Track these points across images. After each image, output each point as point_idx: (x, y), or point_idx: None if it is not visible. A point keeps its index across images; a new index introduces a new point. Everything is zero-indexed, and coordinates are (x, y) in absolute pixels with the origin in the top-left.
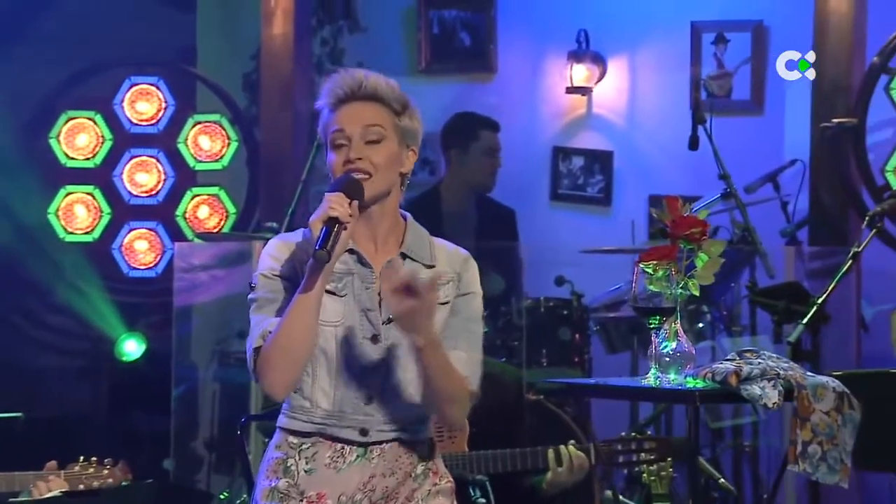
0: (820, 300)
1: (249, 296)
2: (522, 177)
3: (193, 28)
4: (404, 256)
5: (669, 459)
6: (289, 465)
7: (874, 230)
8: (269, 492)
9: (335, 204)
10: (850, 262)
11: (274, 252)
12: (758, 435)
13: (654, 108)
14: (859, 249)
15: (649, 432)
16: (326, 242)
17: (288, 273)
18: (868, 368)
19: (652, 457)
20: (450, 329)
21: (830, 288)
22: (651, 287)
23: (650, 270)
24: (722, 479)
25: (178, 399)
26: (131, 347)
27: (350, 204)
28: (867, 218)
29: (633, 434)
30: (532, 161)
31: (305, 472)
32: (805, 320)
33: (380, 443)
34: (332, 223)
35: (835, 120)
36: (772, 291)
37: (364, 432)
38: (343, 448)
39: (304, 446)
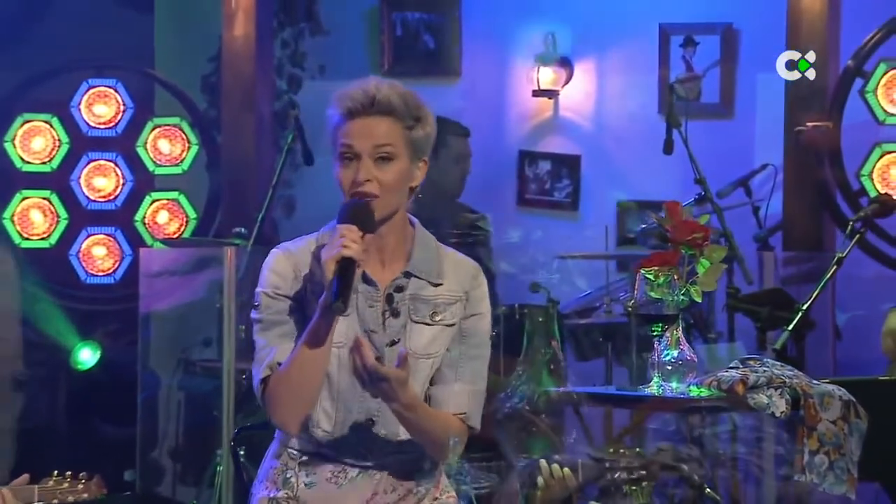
0: (805, 306)
1: (253, 314)
2: (488, 181)
3: (151, 29)
4: (410, 275)
5: None
6: (288, 476)
7: (857, 236)
8: (268, 501)
9: (349, 241)
10: (835, 267)
11: (276, 267)
12: (735, 443)
13: (622, 111)
14: (843, 255)
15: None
16: (342, 291)
17: (293, 292)
18: (844, 376)
19: (638, 475)
20: (455, 356)
21: (815, 293)
22: (652, 294)
23: (651, 277)
24: (708, 490)
25: (142, 408)
26: (86, 356)
27: (363, 237)
28: (849, 225)
29: (622, 451)
30: (498, 165)
31: (305, 485)
32: (791, 326)
33: (382, 463)
34: (346, 263)
35: (809, 123)
36: (754, 298)
37: (366, 455)
38: (345, 466)
39: (303, 458)
